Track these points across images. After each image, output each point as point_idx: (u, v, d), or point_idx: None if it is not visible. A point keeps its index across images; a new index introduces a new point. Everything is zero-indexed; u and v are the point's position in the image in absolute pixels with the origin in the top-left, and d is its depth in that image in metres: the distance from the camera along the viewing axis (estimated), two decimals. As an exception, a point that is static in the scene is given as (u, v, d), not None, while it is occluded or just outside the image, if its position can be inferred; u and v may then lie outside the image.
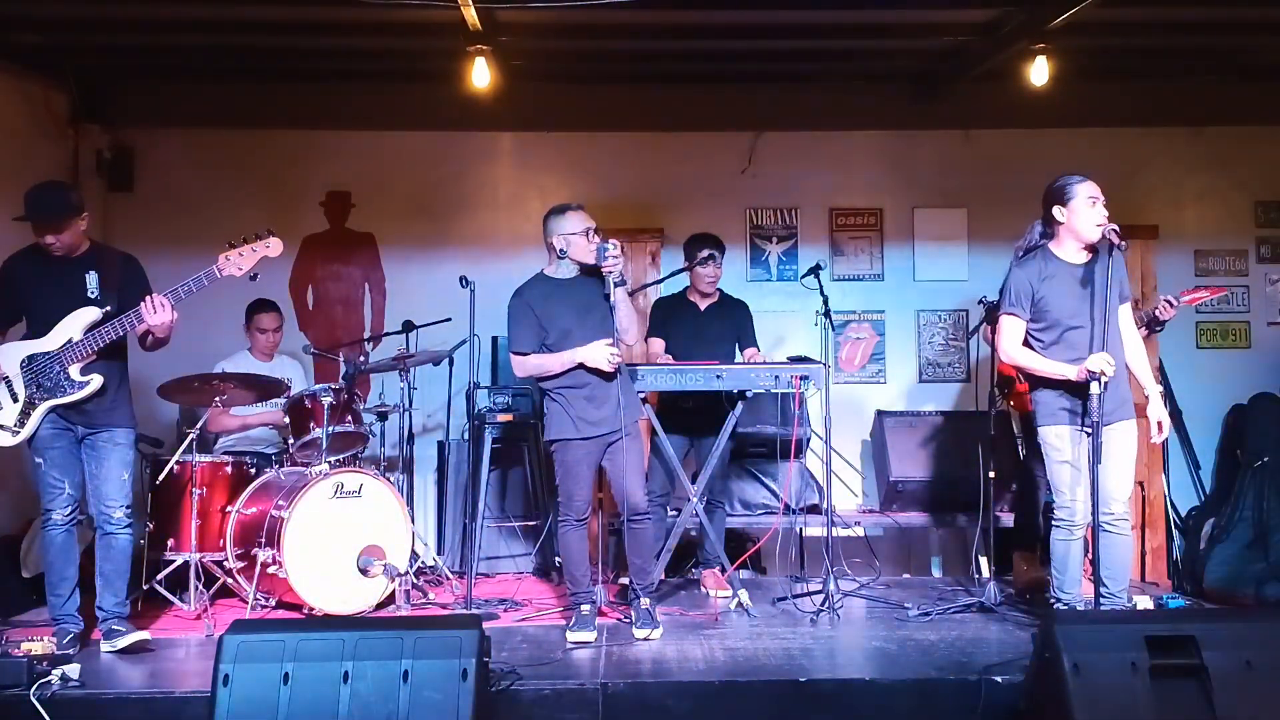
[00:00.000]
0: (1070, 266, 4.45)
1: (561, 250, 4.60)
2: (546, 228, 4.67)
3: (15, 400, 4.35)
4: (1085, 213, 4.36)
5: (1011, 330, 4.49)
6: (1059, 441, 4.42)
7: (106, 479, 4.45)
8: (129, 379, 4.61)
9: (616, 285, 4.55)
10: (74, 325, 4.36)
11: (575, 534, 4.66)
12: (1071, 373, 4.31)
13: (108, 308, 4.40)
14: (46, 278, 4.43)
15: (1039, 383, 4.50)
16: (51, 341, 4.36)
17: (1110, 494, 4.32)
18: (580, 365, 4.56)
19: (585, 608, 4.66)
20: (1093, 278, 4.39)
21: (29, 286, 4.43)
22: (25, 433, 4.36)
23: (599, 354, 4.51)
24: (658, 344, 5.61)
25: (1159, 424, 4.44)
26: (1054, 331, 4.43)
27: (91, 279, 4.44)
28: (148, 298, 4.33)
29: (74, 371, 4.36)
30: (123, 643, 4.38)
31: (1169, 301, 5.22)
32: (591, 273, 4.64)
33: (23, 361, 4.35)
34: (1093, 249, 4.43)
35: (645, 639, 4.54)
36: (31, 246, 4.50)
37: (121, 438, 4.51)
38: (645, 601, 4.65)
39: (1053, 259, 4.47)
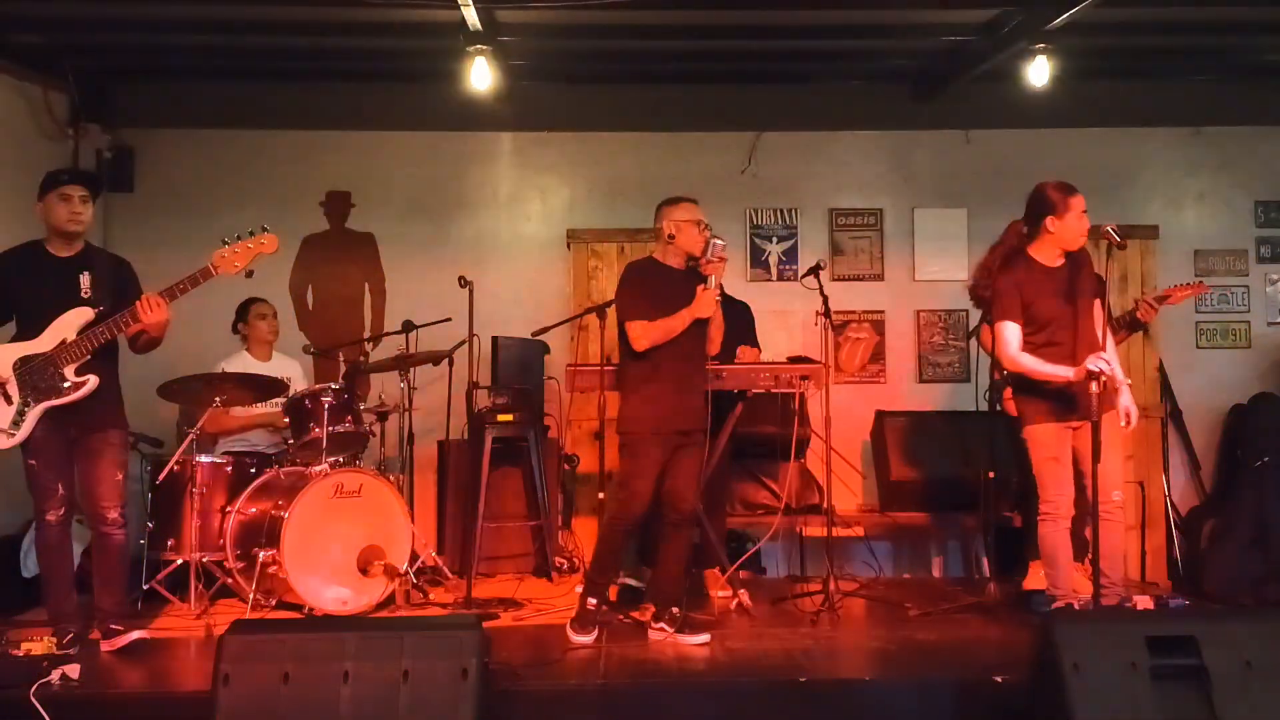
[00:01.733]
0: (1050, 270, 4.61)
1: (671, 235, 4.66)
2: (659, 214, 4.73)
3: (10, 403, 4.33)
4: (1076, 226, 4.54)
5: (1010, 336, 4.56)
6: (1046, 438, 4.53)
7: (101, 480, 4.43)
8: (119, 380, 4.59)
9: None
10: (67, 326, 4.34)
11: (624, 534, 4.68)
12: (1072, 373, 4.39)
13: (101, 308, 4.39)
14: (39, 277, 4.41)
15: (1027, 384, 4.57)
16: (44, 343, 4.34)
17: (1108, 482, 4.44)
18: (675, 353, 4.57)
19: (590, 603, 4.64)
20: (1071, 279, 4.56)
21: (21, 285, 4.41)
22: (21, 435, 4.34)
23: (706, 301, 4.55)
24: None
25: (1127, 413, 4.50)
26: (1044, 334, 4.55)
27: (84, 279, 4.42)
28: (143, 296, 4.32)
29: (69, 372, 4.34)
30: (122, 641, 4.37)
31: (1149, 303, 5.23)
32: (696, 273, 4.67)
33: (15, 364, 4.32)
34: (1066, 254, 4.61)
35: (705, 644, 4.51)
36: (25, 246, 4.49)
37: (115, 438, 4.49)
38: (693, 616, 4.68)
39: (1034, 264, 4.62)
